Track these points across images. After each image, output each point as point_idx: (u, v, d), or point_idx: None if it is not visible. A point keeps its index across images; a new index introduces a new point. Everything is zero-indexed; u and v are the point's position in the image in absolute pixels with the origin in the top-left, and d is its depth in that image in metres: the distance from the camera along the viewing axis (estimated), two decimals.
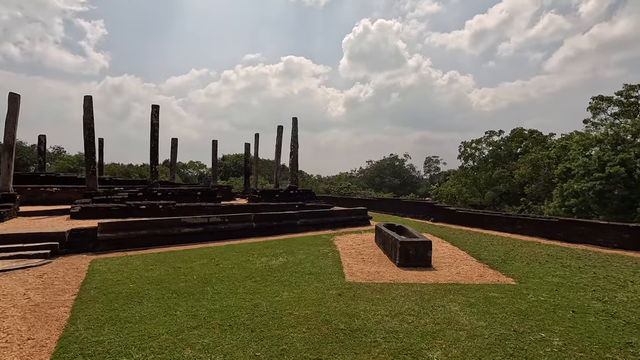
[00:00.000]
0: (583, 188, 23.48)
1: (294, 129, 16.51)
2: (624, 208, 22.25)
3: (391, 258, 7.27)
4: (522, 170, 35.41)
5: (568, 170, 26.74)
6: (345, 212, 12.29)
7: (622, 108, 30.97)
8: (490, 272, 6.39)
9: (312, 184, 67.10)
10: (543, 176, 34.43)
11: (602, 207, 23.11)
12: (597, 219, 22.71)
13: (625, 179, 22.47)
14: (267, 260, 7.12)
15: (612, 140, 24.57)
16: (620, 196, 22.16)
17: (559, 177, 27.27)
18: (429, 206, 15.10)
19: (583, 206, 24.18)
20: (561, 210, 26.00)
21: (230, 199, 19.31)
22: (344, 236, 10.18)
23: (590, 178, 23.58)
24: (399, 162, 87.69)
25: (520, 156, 39.74)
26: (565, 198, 25.76)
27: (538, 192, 35.39)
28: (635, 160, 22.50)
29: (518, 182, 37.84)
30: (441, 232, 11.21)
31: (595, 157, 24.24)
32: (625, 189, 22.32)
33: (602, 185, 22.58)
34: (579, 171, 24.91)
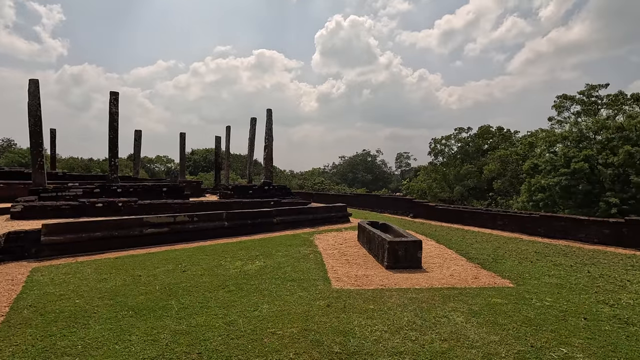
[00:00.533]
0: (550, 183, 24.27)
1: (269, 121, 15.66)
2: (587, 202, 23.20)
3: (378, 259, 6.73)
4: (491, 165, 36.38)
5: (535, 166, 27.59)
6: (324, 209, 11.68)
7: (583, 107, 32.41)
8: (484, 273, 6.00)
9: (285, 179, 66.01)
10: (510, 172, 35.52)
11: (567, 201, 23.99)
12: (563, 212, 23.57)
13: (588, 175, 23.41)
14: (242, 264, 6.36)
15: (576, 137, 25.54)
16: (584, 191, 23.06)
17: (527, 172, 28.11)
18: (408, 202, 14.84)
19: (549, 201, 25.02)
20: (529, 205, 26.81)
21: (200, 195, 18.18)
22: (324, 235, 9.56)
23: (556, 174, 24.39)
24: (371, 157, 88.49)
25: (489, 152, 40.86)
26: (532, 193, 26.56)
27: (505, 187, 36.52)
28: (597, 157, 23.47)
29: (487, 177, 38.89)
30: (423, 229, 10.86)
31: (560, 153, 25.12)
32: (588, 184, 23.25)
33: (568, 181, 23.41)
34: (546, 167, 25.73)
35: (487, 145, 46.36)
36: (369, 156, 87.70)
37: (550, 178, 24.69)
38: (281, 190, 15.04)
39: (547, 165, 25.75)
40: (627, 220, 8.54)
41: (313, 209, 11.43)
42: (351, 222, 11.94)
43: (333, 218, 11.64)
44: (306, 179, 66.35)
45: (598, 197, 22.61)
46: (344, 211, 12.20)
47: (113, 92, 12.26)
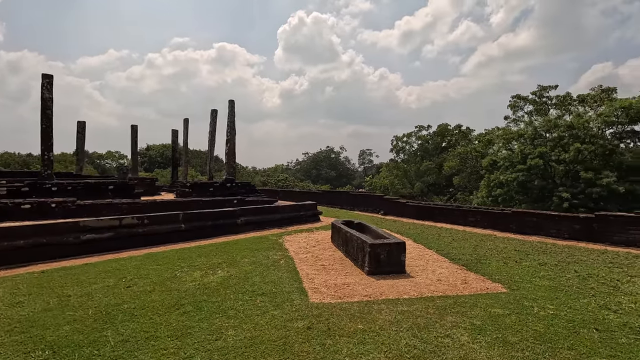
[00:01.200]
0: (508, 179, 25.14)
1: (231, 113, 14.50)
2: (542, 197, 24.32)
3: (357, 263, 6.07)
4: (451, 162, 37.42)
5: (494, 162, 28.55)
6: (293, 208, 10.87)
7: (535, 106, 34.17)
8: (472, 276, 5.53)
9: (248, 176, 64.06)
10: (470, 168, 36.74)
11: (523, 196, 25.02)
12: (520, 207, 24.57)
13: (542, 171, 24.52)
14: (202, 275, 5.40)
15: (531, 135, 26.69)
16: (539, 186, 24.13)
17: (486, 168, 29.03)
18: (379, 199, 14.43)
19: (507, 196, 25.95)
20: (488, 200, 27.70)
21: (154, 193, 16.60)
22: (294, 236, 8.76)
23: (514, 170, 25.31)
24: (334, 154, 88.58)
25: (450, 150, 42.09)
26: (491, 188, 27.45)
27: (465, 182, 37.76)
28: (550, 154, 24.63)
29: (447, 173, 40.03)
30: (397, 228, 10.41)
31: (517, 150, 26.12)
32: (542, 179, 24.34)
33: (524, 177, 24.36)
34: (504, 163, 26.66)
35: (446, 143, 48.15)
36: (332, 153, 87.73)
37: (509, 174, 25.61)
38: (245, 188, 14.00)
39: (505, 161, 26.70)
40: (597, 215, 8.59)
41: (280, 207, 10.59)
42: (322, 222, 11.23)
43: (302, 217, 10.87)
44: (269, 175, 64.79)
45: (551, 192, 23.76)
46: (314, 209, 11.47)
47: (46, 74, 10.54)
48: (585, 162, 23.76)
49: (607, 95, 30.53)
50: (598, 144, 24.21)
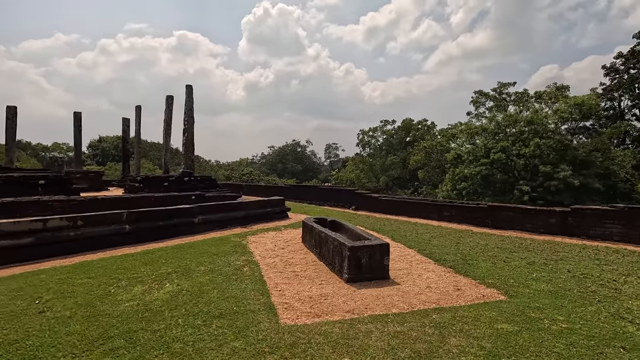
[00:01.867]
0: (472, 173, 25.57)
1: (189, 99, 13.12)
2: (503, 190, 24.98)
3: (334, 268, 5.26)
4: (417, 156, 37.83)
5: (458, 156, 29.01)
6: (258, 204, 9.86)
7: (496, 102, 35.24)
8: (463, 280, 4.91)
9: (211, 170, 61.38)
10: (434, 162, 37.35)
11: (487, 190, 25.58)
12: (484, 200, 25.11)
13: (504, 165, 25.16)
14: (144, 290, 4.34)
15: (493, 130, 27.33)
16: (501, 180, 24.74)
17: (451, 162, 29.46)
18: (349, 193, 13.77)
19: (471, 189, 26.45)
20: (453, 194, 28.13)
21: (101, 188, 14.81)
22: (261, 236, 7.80)
23: (477, 164, 25.79)
24: (301, 148, 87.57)
25: (416, 144, 42.62)
26: (456, 182, 27.88)
27: (429, 176, 38.39)
28: (511, 148, 25.32)
29: (413, 167, 40.53)
30: (371, 224, 9.75)
31: (481, 144, 26.64)
32: (504, 173, 24.99)
33: (487, 170, 24.86)
34: (468, 157, 27.12)
35: (410, 137, 49.07)
36: (298, 146, 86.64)
37: (472, 168, 26.07)
38: (205, 182, 12.74)
39: (469, 155, 27.16)
40: (572, 209, 8.42)
41: (244, 204, 9.54)
42: (291, 218, 10.33)
43: (269, 214, 9.90)
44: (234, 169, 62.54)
45: (512, 186, 24.46)
46: (282, 205, 10.54)
47: None
48: (543, 157, 24.68)
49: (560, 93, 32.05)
50: (555, 139, 25.25)
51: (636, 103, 35.79)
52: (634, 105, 35.99)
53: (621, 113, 36.50)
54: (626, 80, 35.95)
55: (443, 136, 38.48)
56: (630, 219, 7.64)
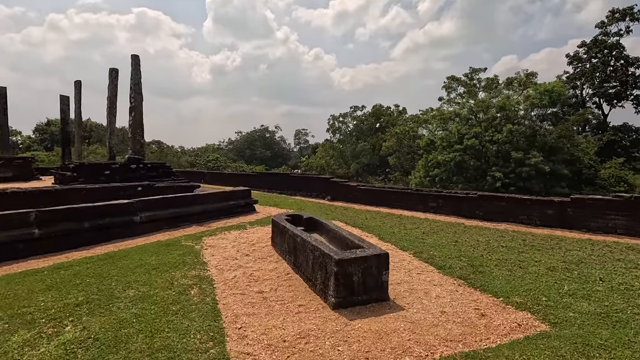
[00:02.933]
0: (445, 159, 25.14)
1: (135, 72, 11.12)
2: (476, 177, 24.77)
3: (314, 286, 3.97)
4: (389, 142, 37.19)
5: (431, 142, 28.52)
6: (220, 196, 8.31)
7: (467, 88, 35.08)
8: (483, 299, 3.78)
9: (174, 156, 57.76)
10: (406, 148, 36.87)
11: (460, 176, 25.29)
12: (457, 187, 24.84)
13: (477, 151, 24.90)
14: (27, 340, 2.81)
15: (466, 115, 26.97)
16: (474, 166, 24.47)
17: (424, 149, 28.96)
18: (325, 182, 12.46)
19: (444, 176, 26.07)
20: (426, 180, 27.68)
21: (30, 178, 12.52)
22: (220, 237, 6.33)
23: (451, 150, 25.36)
24: (269, 133, 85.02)
25: (387, 130, 42.01)
26: (429, 169, 27.42)
27: (401, 163, 37.98)
28: (484, 134, 25.06)
29: (385, 153, 39.97)
30: (350, 218, 8.53)
31: (454, 130, 26.21)
32: (477, 160, 24.73)
33: (461, 157, 24.50)
34: (441, 143, 26.66)
35: (379, 123, 48.64)
36: (267, 132, 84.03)
37: (446, 154, 25.63)
38: (157, 170, 10.93)
39: (442, 142, 26.69)
40: (572, 199, 7.63)
41: (202, 196, 7.96)
42: (258, 213, 8.89)
43: (233, 208, 8.39)
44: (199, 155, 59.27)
45: (485, 172, 24.28)
46: (248, 197, 9.04)
47: None
48: (514, 143, 24.63)
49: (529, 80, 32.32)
50: (526, 125, 25.27)
51: (596, 92, 37.01)
52: (594, 94, 37.21)
53: (582, 101, 37.64)
54: (588, 69, 36.97)
55: (415, 122, 38.06)
56: (635, 210, 6.92)
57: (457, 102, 33.20)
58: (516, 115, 25.88)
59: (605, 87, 36.26)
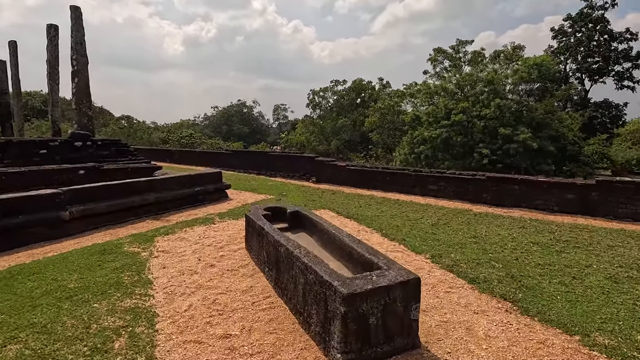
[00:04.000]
0: (432, 135, 24.16)
1: (76, 29, 9.09)
2: (463, 153, 23.99)
3: (306, 324, 2.67)
4: (372, 118, 35.84)
5: (417, 117, 27.42)
6: (182, 181, 6.78)
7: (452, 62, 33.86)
8: (555, 341, 2.61)
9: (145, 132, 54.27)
10: (389, 123, 35.69)
11: (446, 153, 24.46)
12: (443, 165, 24.03)
13: (464, 127, 24.00)
14: None
15: (454, 90, 25.88)
16: (461, 142, 23.63)
17: (409, 124, 27.85)
18: (308, 161, 10.99)
19: (430, 153, 25.18)
20: (411, 158, 26.76)
21: None
22: (179, 237, 4.88)
23: (438, 125, 24.37)
24: (247, 109, 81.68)
25: (370, 106, 40.57)
26: (414, 145, 26.44)
27: (384, 139, 36.89)
28: (472, 109, 24.12)
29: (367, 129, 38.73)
30: (341, 205, 7.23)
31: (442, 105, 25.11)
32: (464, 136, 23.87)
33: (448, 133, 23.57)
34: (428, 119, 25.59)
35: (361, 99, 47.18)
36: (244, 107, 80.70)
37: (432, 130, 24.62)
38: (109, 149, 9.17)
39: (429, 117, 25.60)
40: (598, 182, 6.62)
41: (160, 181, 6.41)
42: (231, 200, 7.44)
43: (199, 195, 6.90)
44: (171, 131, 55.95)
45: (472, 149, 23.50)
46: (218, 181, 7.54)
47: None
48: (502, 119, 23.84)
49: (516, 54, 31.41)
50: (514, 100, 24.45)
51: (580, 67, 36.68)
52: (577, 69, 36.88)
53: (566, 77, 37.28)
54: (572, 43, 36.38)
55: (399, 97, 36.73)
56: None
57: (444, 76, 32.03)
58: (504, 89, 25.00)
59: (588, 62, 35.95)
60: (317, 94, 50.82)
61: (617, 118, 35.56)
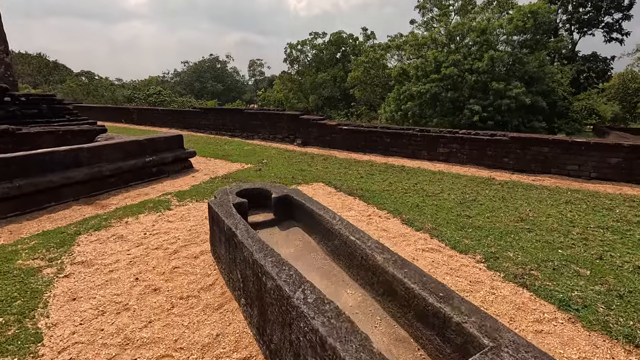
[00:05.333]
0: (420, 91, 22.57)
1: None
2: (452, 110, 22.71)
3: None
4: (355, 72, 33.56)
5: (404, 72, 25.57)
6: (128, 149, 5.08)
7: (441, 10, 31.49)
8: None
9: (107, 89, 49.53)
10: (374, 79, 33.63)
11: (434, 110, 23.11)
12: (431, 122, 22.76)
13: (455, 81, 22.50)
14: None
15: (443, 41, 23.96)
16: (451, 98, 22.25)
17: (396, 79, 26.02)
18: (292, 120, 9.19)
19: (418, 110, 23.75)
20: (397, 115, 25.23)
21: None
22: (113, 237, 3.34)
23: (427, 80, 22.73)
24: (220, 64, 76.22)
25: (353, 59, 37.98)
26: (401, 102, 24.85)
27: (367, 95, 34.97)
28: (464, 62, 22.49)
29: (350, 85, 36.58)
30: (339, 177, 5.79)
31: (431, 57, 23.27)
32: (454, 91, 22.45)
33: (438, 88, 22.05)
34: (416, 73, 23.82)
35: (341, 53, 44.46)
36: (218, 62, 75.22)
37: (421, 85, 22.98)
38: (38, 106, 7.12)
39: (417, 71, 23.81)
40: None
41: (94, 150, 4.69)
42: (196, 172, 5.84)
43: (153, 166, 5.25)
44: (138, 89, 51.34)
45: (463, 105, 22.20)
46: (178, 148, 5.86)
47: None
48: (494, 73, 22.41)
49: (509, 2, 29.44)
50: (507, 52, 22.90)
51: (570, 17, 35.11)
52: (568, 20, 35.32)
53: (556, 28, 35.75)
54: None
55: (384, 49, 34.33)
56: None
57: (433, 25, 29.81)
58: (497, 40, 23.30)
59: (579, 12, 34.41)
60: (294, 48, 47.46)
61: (604, 72, 34.85)
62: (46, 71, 52.70)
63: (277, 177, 5.43)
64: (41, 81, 49.82)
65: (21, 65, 51.43)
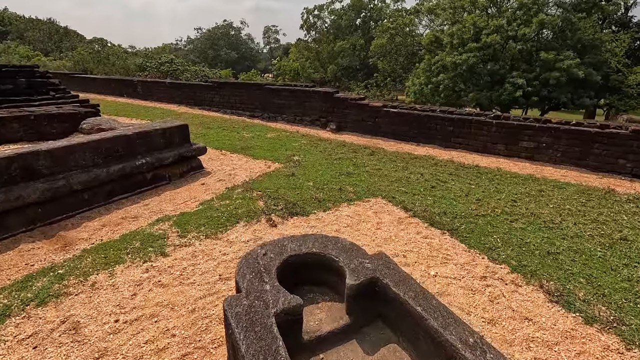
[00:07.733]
0: (457, 61, 20.16)
1: None
2: (491, 84, 20.35)
3: None
4: (380, 39, 30.82)
5: (437, 39, 23.00)
6: (110, 147, 3.63)
7: None
8: None
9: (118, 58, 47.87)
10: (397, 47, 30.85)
11: (470, 84, 20.77)
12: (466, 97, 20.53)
13: (496, 51, 19.97)
14: None
15: (485, 3, 21.17)
16: (490, 70, 19.85)
17: (427, 48, 23.52)
18: (323, 99, 7.37)
19: (450, 83, 21.42)
20: (427, 89, 23.00)
21: None
22: (62, 323, 1.95)
23: (464, 49, 20.25)
24: (234, 31, 72.96)
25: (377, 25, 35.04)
26: (432, 74, 22.51)
27: (392, 65, 32.34)
28: (507, 28, 19.84)
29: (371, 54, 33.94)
30: (402, 184, 4.21)
31: (470, 23, 20.63)
32: (495, 62, 20.00)
33: (476, 58, 19.62)
34: (451, 41, 21.28)
35: (360, 19, 41.31)
36: (232, 29, 72.01)
37: (457, 55, 20.54)
38: (14, 80, 5.62)
39: (453, 38, 21.26)
40: None
41: (62, 151, 3.26)
42: (207, 175, 4.36)
43: (146, 171, 3.81)
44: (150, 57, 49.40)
45: (504, 78, 19.79)
46: (183, 143, 4.37)
47: None
48: (542, 41, 19.75)
49: None
50: (559, 15, 20.06)
51: None
52: None
53: None
54: None
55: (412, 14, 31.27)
56: None
57: None
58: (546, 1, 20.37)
59: None
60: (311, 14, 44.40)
61: None
62: (57, 38, 51.20)
63: (318, 187, 3.92)
64: (52, 48, 48.48)
65: (31, 31, 50.09)
